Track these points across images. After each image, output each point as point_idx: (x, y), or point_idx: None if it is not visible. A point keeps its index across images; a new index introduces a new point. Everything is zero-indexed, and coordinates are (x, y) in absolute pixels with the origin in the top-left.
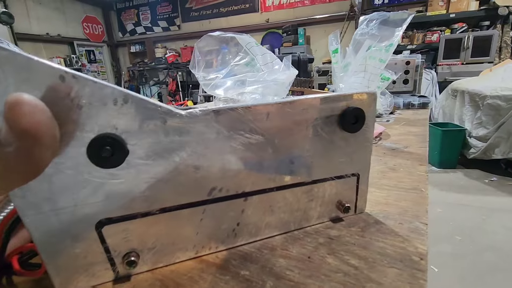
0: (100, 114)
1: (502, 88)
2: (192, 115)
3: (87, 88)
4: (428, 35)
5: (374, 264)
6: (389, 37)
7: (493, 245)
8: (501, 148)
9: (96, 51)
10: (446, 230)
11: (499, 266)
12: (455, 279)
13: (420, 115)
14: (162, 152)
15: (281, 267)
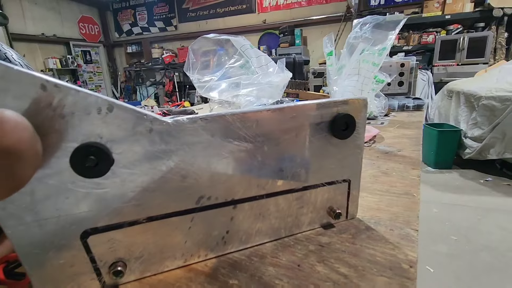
0: (83, 124)
1: (496, 89)
2: (178, 123)
3: (70, 97)
4: (424, 36)
5: (364, 272)
6: (382, 40)
7: (488, 245)
8: (496, 148)
9: (92, 52)
10: (441, 230)
11: (495, 266)
12: (451, 279)
13: (414, 117)
14: (149, 161)
15: (270, 276)
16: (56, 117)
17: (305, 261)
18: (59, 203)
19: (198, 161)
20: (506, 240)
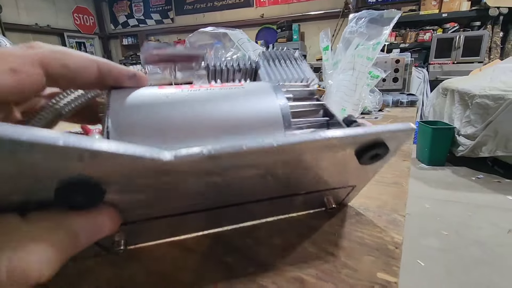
0: (60, 171)
1: (490, 88)
2: (180, 158)
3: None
4: (421, 34)
5: (352, 252)
6: (377, 35)
7: (478, 239)
8: (488, 146)
9: (87, 43)
10: (433, 225)
11: (484, 260)
12: (441, 272)
13: (408, 113)
14: (143, 189)
15: (264, 255)
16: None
17: (297, 242)
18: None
19: (197, 188)
20: (495, 236)
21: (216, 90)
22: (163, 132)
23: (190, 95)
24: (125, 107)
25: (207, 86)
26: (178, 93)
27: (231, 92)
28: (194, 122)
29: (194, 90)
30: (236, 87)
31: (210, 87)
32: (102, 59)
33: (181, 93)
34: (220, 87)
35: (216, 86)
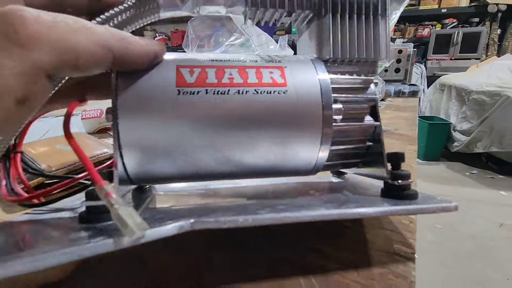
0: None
1: (487, 84)
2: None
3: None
4: (420, 29)
5: (369, 226)
6: None
7: (471, 233)
8: (483, 142)
9: None
10: (428, 219)
11: (477, 254)
12: (435, 265)
13: (409, 103)
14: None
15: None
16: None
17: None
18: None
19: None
20: (488, 230)
21: (249, 96)
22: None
23: (217, 103)
24: (136, 108)
25: (240, 83)
26: (202, 96)
27: (271, 107)
28: (217, 150)
29: (223, 92)
30: (278, 93)
31: (243, 87)
32: (116, 42)
33: (205, 97)
34: (255, 90)
35: (251, 85)
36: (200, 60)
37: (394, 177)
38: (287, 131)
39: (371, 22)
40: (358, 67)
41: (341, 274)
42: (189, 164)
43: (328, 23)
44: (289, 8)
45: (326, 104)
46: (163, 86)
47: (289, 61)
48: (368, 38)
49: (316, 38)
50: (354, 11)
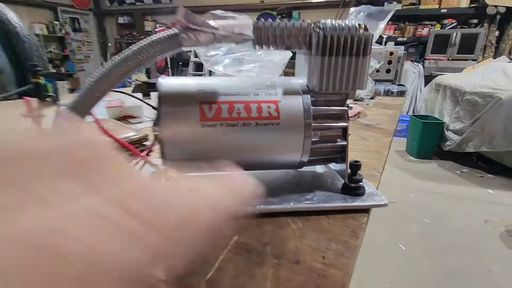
0: None
1: (480, 85)
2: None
3: None
4: (419, 29)
5: None
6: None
7: (457, 227)
8: (474, 142)
9: (81, 20)
10: (416, 213)
11: (460, 246)
12: (420, 256)
13: (396, 101)
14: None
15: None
16: None
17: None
18: None
19: None
20: (473, 225)
21: (252, 127)
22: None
23: (228, 132)
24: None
25: (245, 117)
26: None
27: (264, 132)
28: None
29: (233, 125)
30: (270, 126)
31: (247, 120)
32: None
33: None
34: (256, 122)
35: (253, 118)
36: (217, 94)
37: (350, 181)
38: (278, 148)
39: (354, 60)
40: (339, 95)
41: (317, 218)
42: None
43: (317, 62)
44: (287, 45)
45: (307, 133)
46: (191, 120)
47: (284, 94)
48: (350, 74)
49: (308, 68)
50: (340, 52)
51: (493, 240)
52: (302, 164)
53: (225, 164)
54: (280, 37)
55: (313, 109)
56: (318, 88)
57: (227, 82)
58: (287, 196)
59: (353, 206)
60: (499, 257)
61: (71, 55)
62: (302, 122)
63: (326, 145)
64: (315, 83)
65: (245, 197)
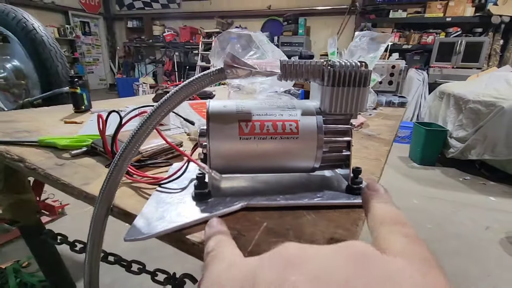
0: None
1: (484, 94)
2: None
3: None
4: (424, 37)
5: None
6: (374, 50)
7: (458, 233)
8: (477, 149)
9: (91, 23)
10: (418, 219)
11: (461, 251)
12: None
13: (397, 112)
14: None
15: None
16: None
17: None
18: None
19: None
20: (474, 231)
21: (277, 140)
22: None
23: (260, 144)
24: (218, 142)
25: (272, 133)
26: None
27: (287, 144)
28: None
29: (263, 138)
30: (291, 139)
31: (274, 135)
32: None
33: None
34: (281, 137)
35: (279, 134)
36: (251, 114)
37: (352, 183)
38: (297, 156)
39: (356, 90)
40: (345, 116)
41: (326, 211)
42: (242, 168)
43: (328, 91)
44: (305, 78)
45: (319, 145)
46: (232, 134)
47: (302, 115)
48: (353, 100)
49: (321, 94)
50: (346, 83)
51: (494, 246)
52: (314, 169)
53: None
54: (300, 72)
55: (324, 127)
56: (328, 110)
57: (259, 104)
58: (302, 194)
59: (355, 202)
60: (499, 263)
61: (81, 58)
62: (316, 137)
63: (334, 154)
64: (327, 106)
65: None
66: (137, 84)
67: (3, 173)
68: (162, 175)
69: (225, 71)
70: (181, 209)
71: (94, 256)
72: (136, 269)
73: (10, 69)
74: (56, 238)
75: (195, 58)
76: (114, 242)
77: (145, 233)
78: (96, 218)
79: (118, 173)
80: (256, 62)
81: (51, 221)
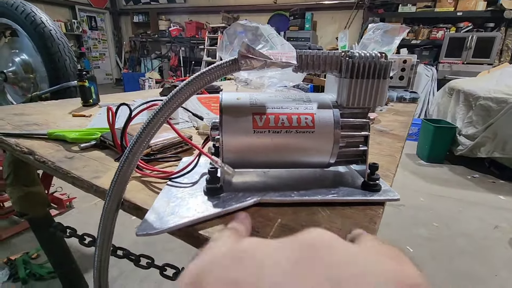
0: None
1: (495, 91)
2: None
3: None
4: (434, 32)
5: None
6: (389, 43)
7: (465, 232)
8: (487, 147)
9: (98, 18)
10: (425, 217)
11: (468, 250)
12: (427, 258)
13: (408, 108)
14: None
15: None
16: None
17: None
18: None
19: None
20: (481, 229)
21: (292, 134)
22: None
23: (274, 137)
24: (232, 135)
25: (287, 126)
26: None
27: (302, 138)
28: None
29: (278, 132)
30: (307, 133)
31: (289, 129)
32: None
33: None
34: (296, 131)
35: (294, 127)
36: (265, 107)
37: (369, 179)
38: (312, 151)
39: (375, 82)
40: (362, 109)
41: (341, 208)
42: (255, 162)
43: (346, 83)
44: (322, 70)
45: (335, 140)
46: (245, 127)
47: (318, 108)
48: (372, 93)
49: (338, 87)
50: (365, 75)
51: (502, 245)
52: (330, 164)
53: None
54: (317, 64)
55: (341, 121)
56: (345, 104)
57: (273, 97)
58: (316, 190)
59: (372, 199)
60: (507, 263)
61: (87, 53)
62: (332, 131)
63: (351, 149)
64: (344, 99)
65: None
66: (143, 79)
67: (12, 166)
68: (172, 169)
69: (239, 61)
70: (192, 204)
71: (104, 250)
72: (145, 264)
73: (19, 63)
74: (65, 231)
75: (201, 53)
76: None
77: (157, 228)
78: (107, 212)
79: (128, 167)
80: (271, 53)
81: (59, 214)
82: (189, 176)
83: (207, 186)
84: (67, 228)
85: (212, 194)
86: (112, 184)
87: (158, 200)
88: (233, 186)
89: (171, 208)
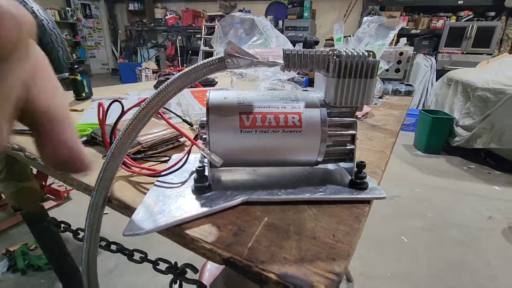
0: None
1: (493, 82)
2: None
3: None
4: (434, 21)
5: None
6: (384, 37)
7: (460, 223)
8: (483, 138)
9: (92, 6)
10: (421, 208)
11: (462, 240)
12: (421, 249)
13: (403, 101)
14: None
15: None
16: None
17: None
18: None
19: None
20: (476, 220)
21: (279, 133)
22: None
23: (261, 137)
24: (219, 133)
25: (274, 126)
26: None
27: (289, 138)
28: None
29: (265, 131)
30: (294, 133)
31: (276, 128)
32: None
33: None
34: (283, 130)
35: (281, 127)
36: (252, 106)
37: (356, 177)
38: (300, 150)
39: (363, 82)
40: (350, 108)
41: (328, 206)
42: (243, 161)
43: (334, 82)
44: (310, 69)
45: (323, 139)
46: (232, 126)
47: (306, 107)
48: (359, 92)
49: (325, 86)
50: (352, 74)
51: (495, 235)
52: (317, 162)
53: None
54: (305, 63)
55: (328, 120)
56: (333, 103)
57: (261, 96)
58: (304, 188)
59: (358, 198)
60: (499, 252)
61: (82, 42)
62: (320, 130)
63: (338, 148)
64: (331, 98)
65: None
66: (140, 69)
67: (5, 161)
68: (162, 167)
69: (225, 60)
70: (180, 203)
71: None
72: (138, 258)
73: None
74: (59, 225)
75: (198, 43)
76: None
77: (144, 228)
78: (93, 207)
79: (114, 162)
80: (258, 52)
81: (56, 206)
82: (178, 174)
83: (195, 185)
84: (61, 223)
85: (200, 193)
86: (97, 179)
87: (146, 199)
88: (221, 184)
89: (159, 207)
